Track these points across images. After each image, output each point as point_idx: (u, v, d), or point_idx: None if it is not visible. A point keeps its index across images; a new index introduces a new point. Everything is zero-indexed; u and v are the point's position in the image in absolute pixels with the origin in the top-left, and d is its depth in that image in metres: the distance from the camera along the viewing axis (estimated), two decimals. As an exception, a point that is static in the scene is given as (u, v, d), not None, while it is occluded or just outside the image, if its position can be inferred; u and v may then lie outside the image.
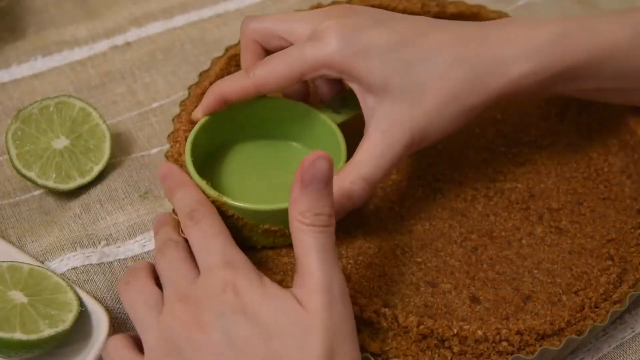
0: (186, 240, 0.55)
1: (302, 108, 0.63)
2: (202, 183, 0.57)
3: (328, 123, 0.61)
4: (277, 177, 0.62)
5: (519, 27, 0.59)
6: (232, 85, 0.59)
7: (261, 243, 0.58)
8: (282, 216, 0.54)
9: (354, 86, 0.58)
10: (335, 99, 0.63)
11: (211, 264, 0.51)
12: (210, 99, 0.60)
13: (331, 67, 0.57)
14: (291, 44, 0.59)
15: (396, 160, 0.57)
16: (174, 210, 0.57)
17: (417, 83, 0.56)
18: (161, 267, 0.54)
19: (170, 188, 0.57)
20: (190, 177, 0.57)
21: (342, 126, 0.61)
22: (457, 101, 0.57)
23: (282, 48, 0.60)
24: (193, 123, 0.61)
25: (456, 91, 0.57)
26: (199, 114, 0.61)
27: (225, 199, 0.56)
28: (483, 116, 0.67)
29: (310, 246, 0.49)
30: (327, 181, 0.50)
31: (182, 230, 0.55)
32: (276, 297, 0.49)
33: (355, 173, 0.56)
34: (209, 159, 0.61)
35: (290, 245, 0.55)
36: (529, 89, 0.59)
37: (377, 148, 0.57)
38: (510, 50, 0.58)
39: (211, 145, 0.62)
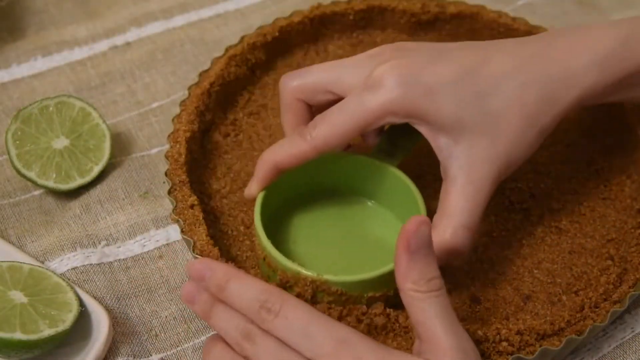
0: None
1: (363, 161, 0.59)
2: (295, 266, 0.53)
3: (398, 175, 0.58)
4: (348, 241, 0.59)
5: (579, 36, 0.57)
6: (287, 153, 0.55)
7: None
8: (385, 280, 0.53)
9: (422, 129, 0.55)
10: (383, 140, 0.60)
11: (324, 350, 0.47)
12: (264, 171, 0.56)
13: (397, 114, 0.54)
14: (340, 97, 0.56)
15: (488, 199, 0.54)
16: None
17: (491, 114, 0.54)
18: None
19: (218, 286, 0.50)
20: (278, 261, 0.53)
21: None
22: (535, 124, 0.55)
23: (329, 102, 0.56)
24: (251, 200, 0.57)
25: (532, 114, 0.54)
26: (255, 190, 0.57)
27: (327, 276, 0.52)
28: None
29: (432, 313, 0.47)
30: (431, 245, 0.48)
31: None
32: None
33: (453, 223, 0.53)
34: (269, 229, 0.56)
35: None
36: (595, 98, 0.57)
37: (467, 191, 0.53)
38: (578, 62, 0.55)
39: (270, 213, 0.58)
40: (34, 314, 0.55)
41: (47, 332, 0.55)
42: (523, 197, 0.64)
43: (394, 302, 0.55)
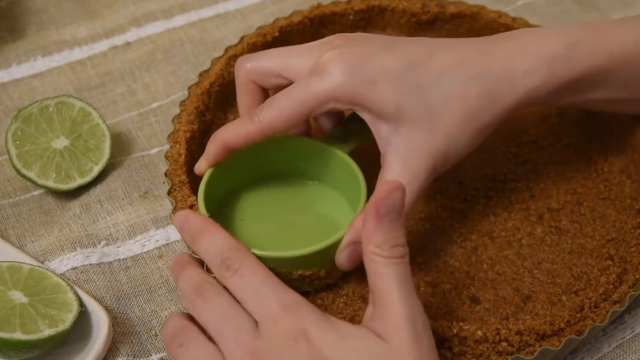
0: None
1: (312, 144, 0.60)
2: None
3: (343, 157, 0.59)
4: (295, 219, 0.60)
5: (528, 38, 0.57)
6: (235, 133, 0.56)
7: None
8: (315, 259, 0.53)
9: (364, 116, 0.56)
10: (338, 128, 0.61)
11: (269, 312, 0.48)
12: (213, 149, 0.57)
13: (339, 100, 0.54)
14: (291, 82, 0.57)
15: (422, 189, 0.55)
16: (192, 253, 0.55)
17: (432, 106, 0.54)
18: (208, 319, 0.50)
19: (192, 237, 0.53)
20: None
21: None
22: (474, 120, 0.55)
23: (281, 86, 0.57)
24: (201, 176, 0.58)
25: (472, 110, 0.55)
26: (203, 166, 0.58)
27: (254, 251, 0.53)
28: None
29: (390, 278, 0.47)
30: (401, 211, 0.48)
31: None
32: (353, 336, 0.47)
33: None
34: (220, 207, 0.59)
35: (321, 289, 0.55)
36: (541, 100, 0.57)
37: (401, 179, 0.54)
38: (523, 62, 0.56)
39: (221, 192, 0.59)
40: (34, 314, 0.55)
41: (47, 332, 0.55)
42: (523, 197, 0.64)
43: (327, 282, 0.56)
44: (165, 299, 0.61)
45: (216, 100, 0.67)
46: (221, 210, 0.59)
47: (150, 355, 0.58)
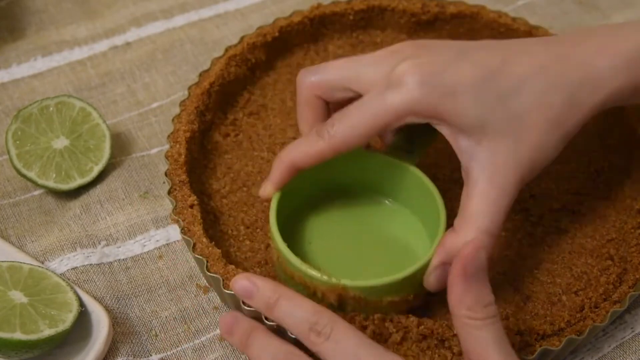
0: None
1: (382, 159, 0.58)
2: (311, 270, 0.52)
3: (417, 174, 0.57)
4: (365, 240, 0.58)
5: (604, 38, 0.55)
6: (303, 152, 0.54)
7: None
8: (405, 284, 0.52)
9: (443, 129, 0.53)
10: (400, 137, 0.58)
11: None
12: (280, 171, 0.54)
13: (419, 114, 0.52)
14: (358, 94, 0.55)
15: (511, 203, 0.53)
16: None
17: (515, 116, 0.52)
18: None
19: (267, 305, 0.50)
20: (294, 265, 0.53)
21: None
22: (559, 127, 0.53)
23: (347, 100, 0.55)
24: (267, 200, 0.56)
25: (556, 117, 0.53)
26: (270, 190, 0.55)
27: (344, 282, 0.51)
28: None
29: (488, 341, 0.46)
30: (486, 269, 0.47)
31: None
32: None
33: (475, 229, 0.52)
34: (284, 228, 0.55)
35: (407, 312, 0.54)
36: (620, 101, 0.55)
37: (490, 196, 0.52)
38: (602, 64, 0.54)
39: (285, 212, 0.56)
40: (34, 314, 0.55)
41: (47, 332, 0.55)
42: (523, 197, 0.64)
43: (413, 305, 0.55)
44: (165, 299, 0.61)
45: (216, 100, 0.67)
46: (285, 232, 0.55)
47: (150, 355, 0.58)
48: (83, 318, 0.58)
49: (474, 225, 0.52)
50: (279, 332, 0.52)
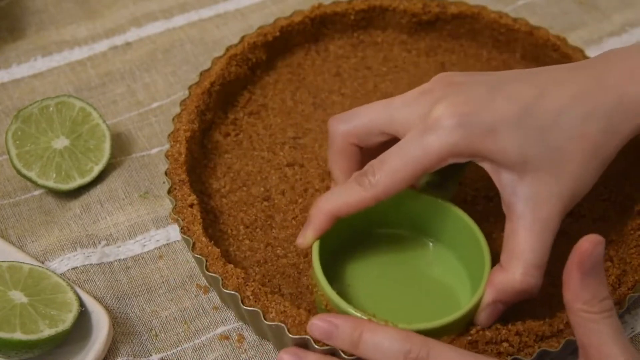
0: None
1: (425, 199, 0.57)
2: (362, 317, 0.51)
3: (458, 214, 0.56)
4: (409, 280, 0.57)
5: (632, 60, 0.55)
6: (344, 202, 0.53)
7: None
8: (457, 324, 0.52)
9: (485, 165, 0.53)
10: (432, 173, 0.57)
11: None
12: (320, 220, 0.54)
13: (460, 155, 0.52)
14: (394, 137, 0.55)
15: (555, 235, 0.53)
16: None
17: (555, 150, 0.52)
18: None
19: (351, 343, 0.50)
20: (344, 310, 0.52)
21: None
22: (597, 156, 0.53)
23: (382, 144, 0.55)
24: (306, 246, 0.55)
25: (595, 147, 0.53)
26: (310, 239, 0.55)
27: (401, 325, 0.50)
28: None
29: (608, 333, 0.47)
30: (602, 265, 0.47)
31: None
32: None
33: (524, 263, 0.52)
34: (325, 270, 0.54)
35: None
36: None
37: (535, 230, 0.52)
38: (636, 88, 0.54)
39: (326, 255, 0.55)
40: (34, 314, 0.55)
41: (47, 332, 0.55)
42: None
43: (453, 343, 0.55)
44: (165, 299, 0.61)
45: (217, 99, 0.67)
46: (325, 276, 0.54)
47: (151, 355, 0.58)
48: (83, 318, 0.58)
49: (521, 260, 0.52)
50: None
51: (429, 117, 0.53)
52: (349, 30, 0.75)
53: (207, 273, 0.56)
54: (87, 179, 0.66)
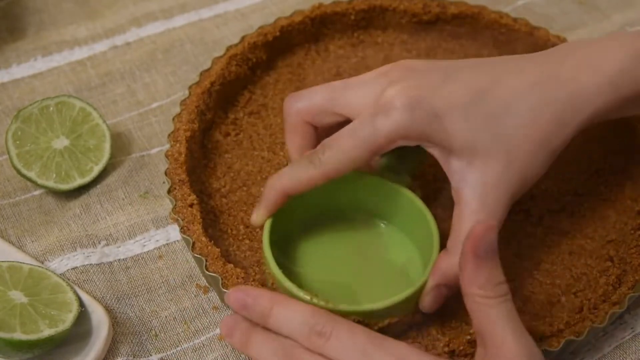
0: None
1: (377, 182, 0.57)
2: (307, 296, 0.51)
3: (409, 197, 0.57)
4: (357, 263, 0.58)
5: (588, 54, 0.55)
6: (295, 179, 0.54)
7: None
8: (404, 305, 0.52)
9: (434, 151, 0.54)
10: (390, 157, 0.58)
11: None
12: (271, 198, 0.54)
13: (409, 137, 0.53)
14: (347, 119, 0.55)
15: (502, 222, 0.53)
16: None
17: (504, 137, 0.53)
18: None
19: (262, 314, 0.50)
20: (289, 291, 0.52)
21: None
22: (546, 146, 0.54)
23: (337, 124, 0.56)
24: (259, 227, 0.56)
25: (545, 136, 0.53)
26: (262, 217, 0.55)
27: (342, 307, 0.51)
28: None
29: (500, 318, 0.47)
30: (497, 250, 0.47)
31: None
32: None
33: None
34: (276, 253, 0.55)
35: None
36: (605, 116, 0.56)
37: (481, 217, 0.52)
38: (588, 81, 0.54)
39: (276, 237, 0.56)
40: (33, 314, 0.55)
41: (47, 332, 0.55)
42: (523, 198, 0.63)
43: (411, 322, 0.55)
44: (165, 299, 0.61)
45: (217, 99, 0.67)
46: (278, 257, 0.54)
47: (150, 355, 0.58)
48: (83, 318, 0.58)
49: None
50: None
51: (381, 99, 0.53)
52: (349, 30, 0.75)
53: (207, 273, 0.56)
54: (87, 179, 0.66)
